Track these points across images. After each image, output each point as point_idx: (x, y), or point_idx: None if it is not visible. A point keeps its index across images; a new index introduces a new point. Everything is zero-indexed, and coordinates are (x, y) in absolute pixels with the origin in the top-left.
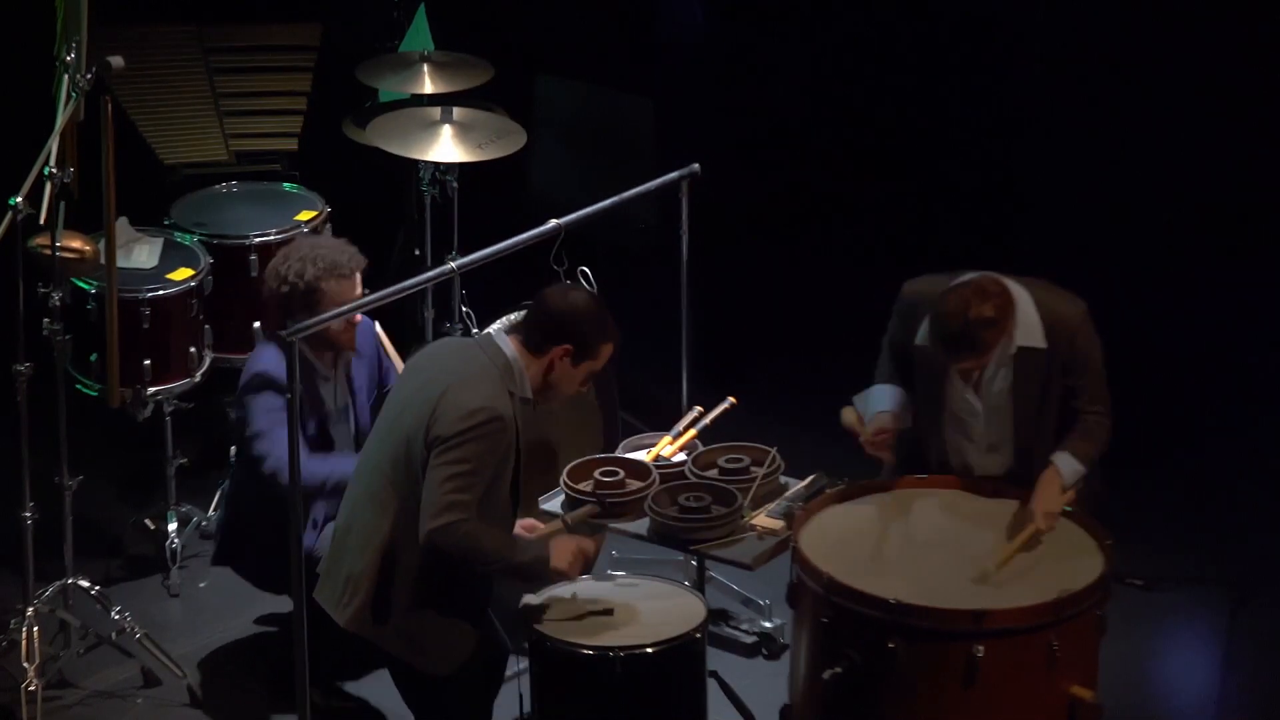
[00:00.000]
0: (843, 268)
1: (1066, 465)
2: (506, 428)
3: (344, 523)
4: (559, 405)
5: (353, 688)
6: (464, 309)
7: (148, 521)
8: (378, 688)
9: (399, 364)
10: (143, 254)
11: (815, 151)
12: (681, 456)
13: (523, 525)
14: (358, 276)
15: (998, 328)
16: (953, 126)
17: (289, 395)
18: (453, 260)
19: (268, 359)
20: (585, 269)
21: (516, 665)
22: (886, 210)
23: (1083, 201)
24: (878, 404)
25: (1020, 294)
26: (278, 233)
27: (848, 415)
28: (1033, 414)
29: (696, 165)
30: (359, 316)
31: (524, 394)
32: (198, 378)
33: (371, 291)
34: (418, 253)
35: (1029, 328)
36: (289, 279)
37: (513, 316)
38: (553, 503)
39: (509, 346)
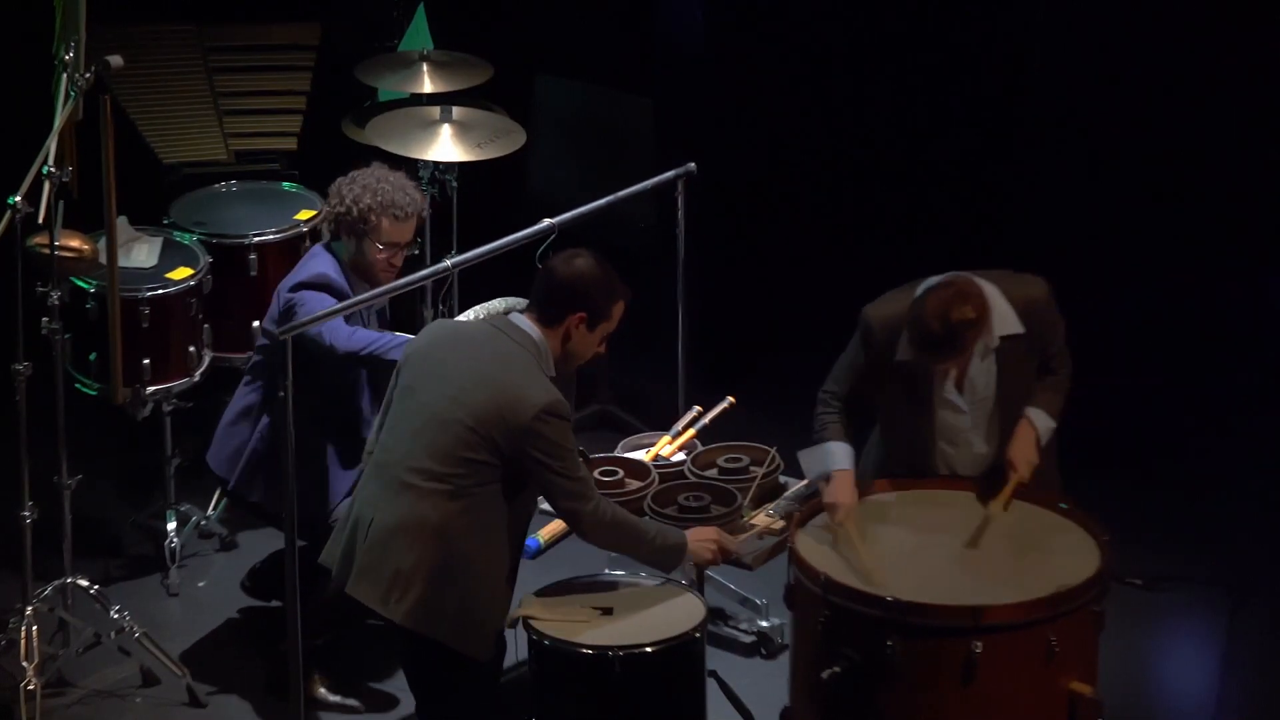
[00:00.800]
0: (840, 266)
1: (1041, 421)
2: (568, 415)
3: (379, 519)
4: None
5: (354, 683)
6: (441, 306)
7: (147, 521)
8: (379, 683)
9: None
10: (142, 253)
11: (812, 151)
12: (681, 456)
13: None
14: (413, 222)
15: (978, 327)
16: (950, 125)
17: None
18: (450, 259)
19: (327, 264)
20: None
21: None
22: (883, 209)
23: (1085, 201)
24: (835, 463)
25: (988, 287)
26: (276, 232)
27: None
28: (1021, 397)
29: (692, 164)
30: (401, 260)
31: (550, 373)
32: (197, 377)
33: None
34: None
35: (1004, 317)
36: (346, 200)
37: (492, 305)
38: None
39: (531, 327)
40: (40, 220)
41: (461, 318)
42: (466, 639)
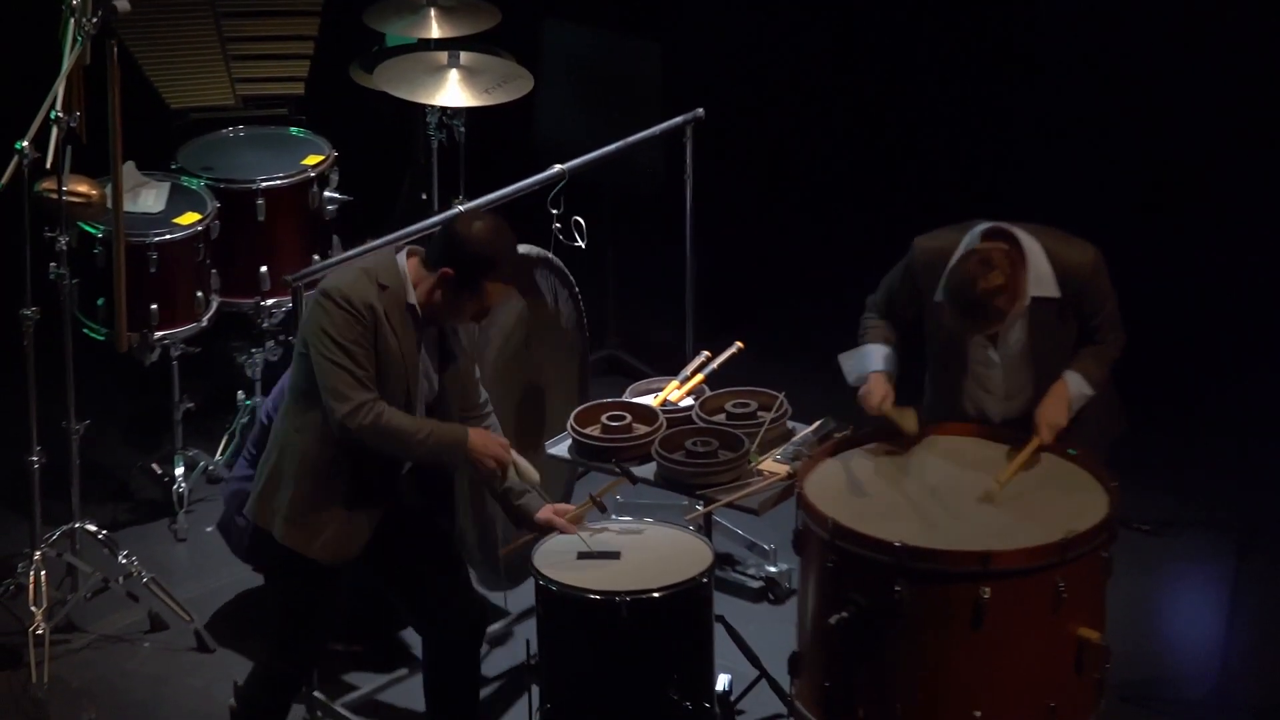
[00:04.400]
0: (849, 212)
1: (1075, 385)
2: (355, 305)
3: None
4: (461, 326)
5: (357, 632)
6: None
7: (155, 466)
8: (383, 633)
9: None
10: (149, 198)
11: (822, 97)
12: (689, 401)
13: (553, 509)
14: None
15: (1008, 293)
16: (963, 69)
17: None
18: (459, 204)
19: None
20: (579, 219)
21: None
22: (894, 155)
23: (1097, 142)
24: (871, 364)
25: (1031, 245)
26: (284, 178)
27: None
28: (1050, 361)
29: (700, 110)
30: None
31: (407, 298)
32: (204, 322)
33: (378, 236)
34: (424, 197)
35: (1041, 278)
36: None
37: None
38: (559, 447)
39: (401, 256)
40: (48, 165)
41: None
42: (299, 537)
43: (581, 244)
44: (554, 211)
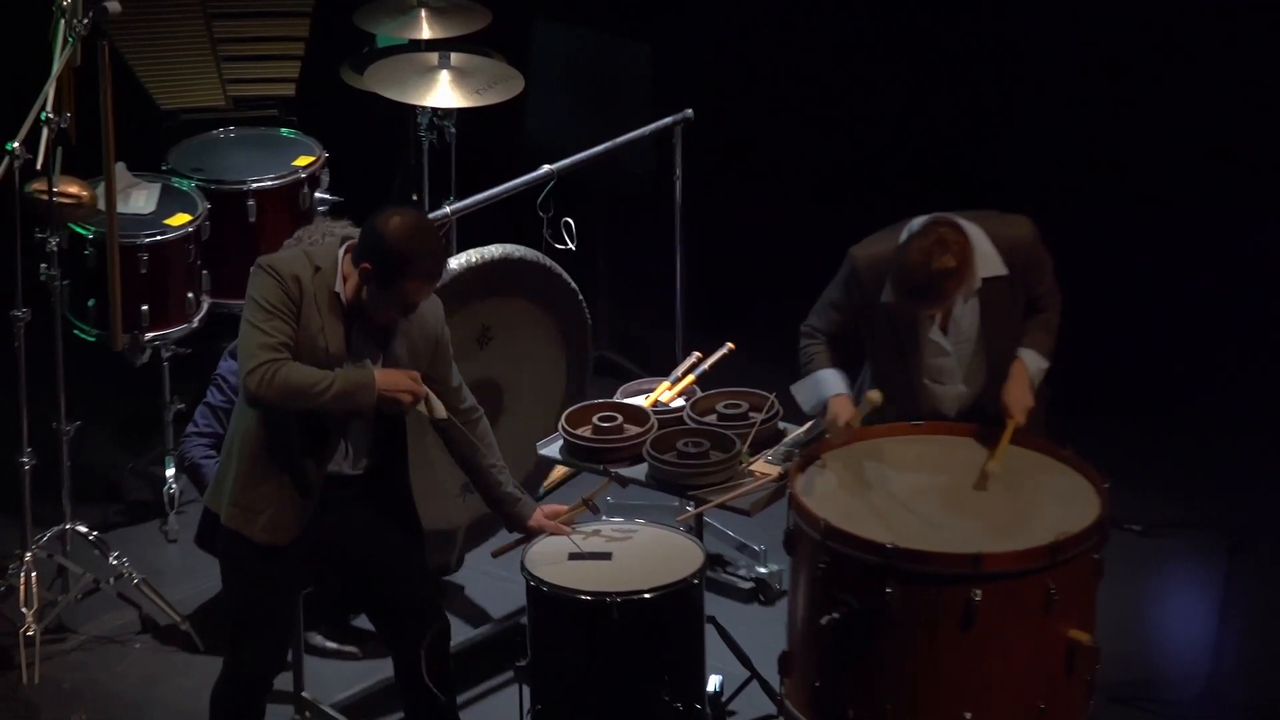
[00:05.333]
0: (839, 212)
1: (1033, 361)
2: (281, 274)
3: None
4: (386, 322)
5: (352, 630)
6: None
7: (146, 467)
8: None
9: None
10: (140, 199)
11: (810, 97)
12: (680, 402)
13: (545, 512)
14: None
15: (959, 275)
16: (954, 68)
17: None
18: (449, 205)
19: None
20: (569, 220)
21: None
22: (884, 154)
23: (1086, 142)
24: (831, 389)
25: (972, 229)
26: (275, 179)
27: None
28: (1004, 341)
29: (690, 110)
30: None
31: (333, 285)
32: (195, 323)
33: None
34: (415, 198)
35: (988, 259)
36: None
37: (489, 251)
38: (550, 448)
39: (341, 248)
40: (39, 166)
41: (453, 263)
42: (244, 520)
43: (572, 246)
44: (543, 215)
